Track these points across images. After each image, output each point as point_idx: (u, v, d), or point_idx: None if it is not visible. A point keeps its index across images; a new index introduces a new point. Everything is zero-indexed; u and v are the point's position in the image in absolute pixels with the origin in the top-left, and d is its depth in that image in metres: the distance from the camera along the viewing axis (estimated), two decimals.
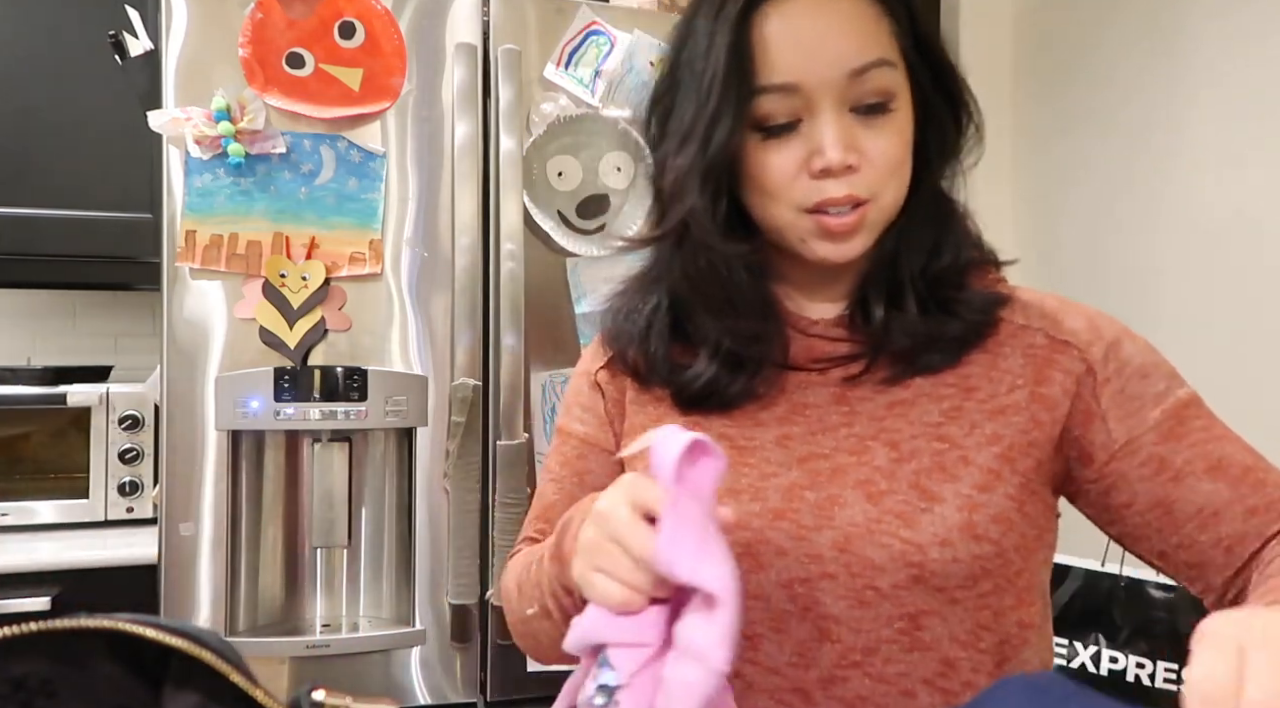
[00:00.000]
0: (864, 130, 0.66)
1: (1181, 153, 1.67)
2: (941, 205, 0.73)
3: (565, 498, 0.79)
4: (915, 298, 0.70)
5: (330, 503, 1.45)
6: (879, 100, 0.66)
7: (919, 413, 0.69)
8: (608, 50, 1.53)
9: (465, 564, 1.43)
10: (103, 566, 1.56)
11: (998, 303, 0.71)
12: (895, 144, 0.67)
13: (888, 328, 0.70)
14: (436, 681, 1.46)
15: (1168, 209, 1.70)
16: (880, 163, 0.66)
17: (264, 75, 1.39)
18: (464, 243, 1.43)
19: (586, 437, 0.80)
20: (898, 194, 0.69)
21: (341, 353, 1.42)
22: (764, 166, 0.67)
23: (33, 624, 0.35)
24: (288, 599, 1.49)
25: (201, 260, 1.38)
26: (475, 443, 1.44)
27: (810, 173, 0.66)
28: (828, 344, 0.73)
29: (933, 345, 0.69)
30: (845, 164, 0.65)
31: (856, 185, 0.66)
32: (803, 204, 0.67)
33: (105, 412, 1.71)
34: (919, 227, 0.71)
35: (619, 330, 0.77)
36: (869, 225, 0.68)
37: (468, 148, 1.44)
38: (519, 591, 0.71)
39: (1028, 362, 0.69)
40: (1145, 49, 1.75)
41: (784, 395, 0.72)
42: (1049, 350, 0.69)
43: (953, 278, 0.71)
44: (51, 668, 0.36)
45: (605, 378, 0.80)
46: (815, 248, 0.68)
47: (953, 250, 0.72)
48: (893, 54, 0.66)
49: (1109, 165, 1.83)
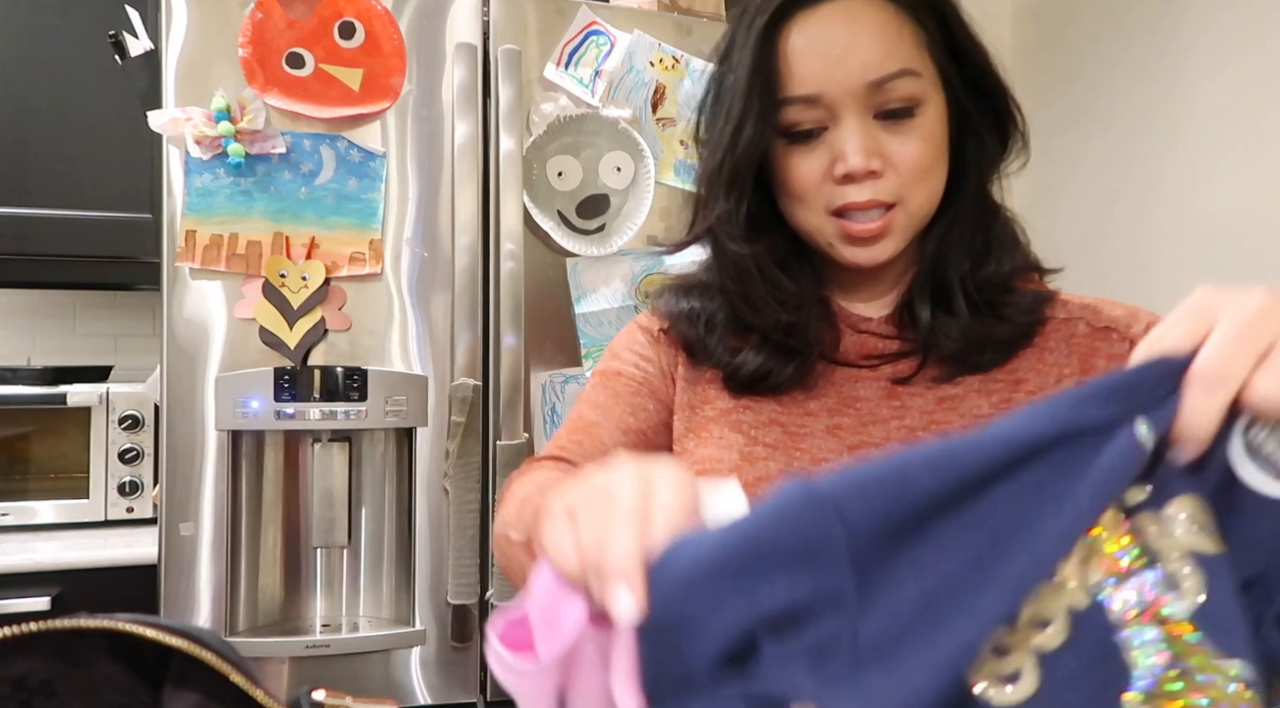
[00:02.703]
0: (889, 136, 0.68)
1: (1180, 152, 1.67)
2: (986, 211, 0.75)
3: (611, 425, 0.77)
4: (964, 300, 0.72)
5: (330, 503, 1.45)
6: (903, 106, 0.68)
7: (969, 407, 0.71)
8: (608, 50, 1.53)
9: (465, 564, 1.43)
10: (103, 566, 1.56)
11: (1044, 301, 0.73)
12: (921, 149, 0.68)
13: (936, 330, 0.72)
14: (436, 681, 1.46)
15: (1166, 208, 1.70)
16: (905, 167, 0.68)
17: (264, 75, 1.39)
18: (464, 243, 1.43)
19: (645, 379, 0.79)
20: (928, 199, 0.70)
21: (341, 353, 1.42)
22: (791, 172, 0.70)
23: (33, 624, 0.35)
24: (288, 599, 1.49)
25: (201, 260, 1.38)
26: (475, 443, 1.44)
27: (834, 178, 0.68)
28: (879, 341, 0.75)
29: (982, 348, 0.71)
30: (867, 169, 0.67)
31: (880, 190, 0.68)
32: (828, 207, 0.70)
33: (105, 412, 1.71)
34: (962, 232, 0.73)
35: (677, 311, 0.79)
36: (896, 230, 0.70)
37: (468, 148, 1.44)
38: (517, 509, 0.67)
39: (1072, 352, 0.72)
40: (1144, 49, 1.75)
41: (834, 388, 0.74)
42: (1091, 339, 0.72)
43: (1000, 282, 0.73)
44: (52, 668, 0.36)
45: (666, 341, 0.80)
46: (842, 251, 0.71)
47: (999, 256, 0.73)
48: (919, 63, 0.68)
49: (1108, 165, 1.83)
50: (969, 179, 0.73)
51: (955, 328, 0.71)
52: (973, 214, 0.74)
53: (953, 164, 0.73)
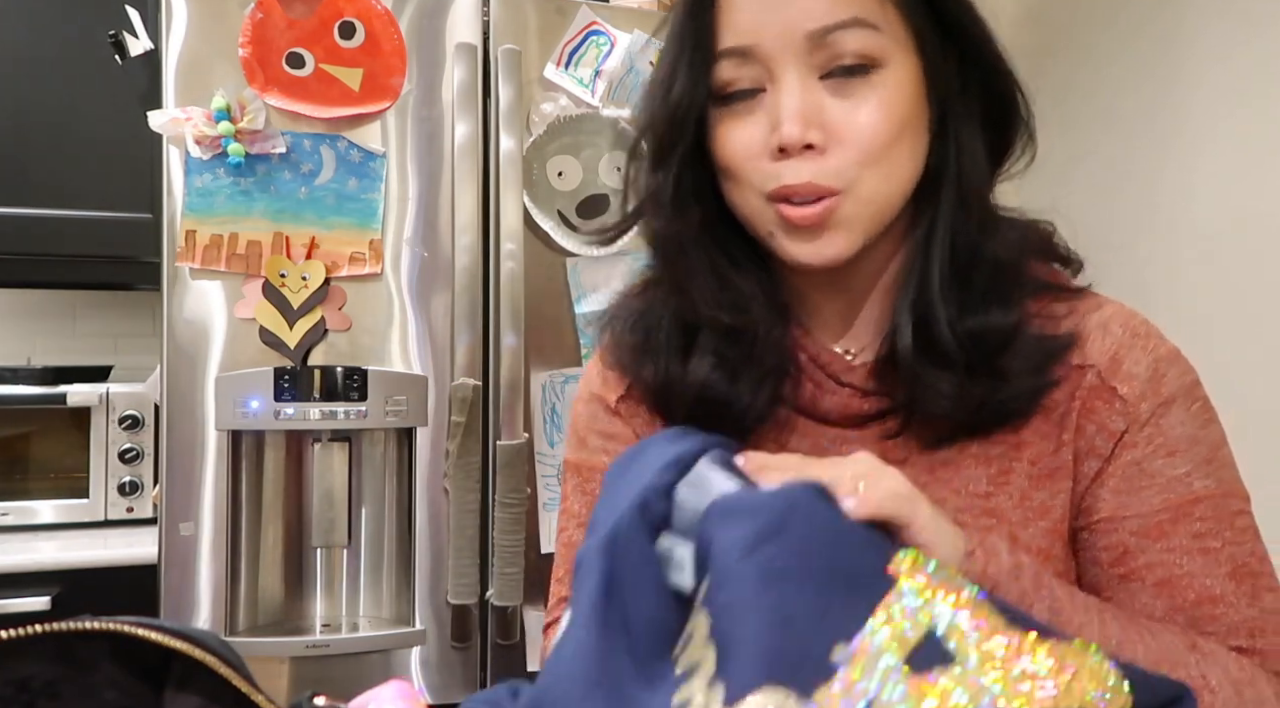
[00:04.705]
0: (836, 101, 0.56)
1: (1181, 152, 1.67)
2: (979, 230, 0.60)
3: None
4: (957, 349, 0.58)
5: (330, 503, 1.45)
6: (855, 63, 0.55)
7: (965, 480, 0.61)
8: (608, 50, 1.53)
9: (465, 564, 1.43)
10: (103, 566, 1.56)
11: (1058, 352, 0.59)
12: (875, 120, 0.55)
13: (921, 386, 0.59)
14: (436, 681, 1.46)
15: (1167, 208, 1.70)
16: (854, 141, 0.56)
17: (264, 75, 1.39)
18: (464, 243, 1.43)
19: None
20: (885, 186, 0.58)
21: (341, 353, 1.42)
22: (723, 142, 0.59)
23: (37, 626, 0.35)
24: (288, 599, 1.49)
25: (201, 260, 1.38)
26: (475, 443, 1.44)
27: (770, 153, 0.57)
28: (861, 401, 0.63)
29: (979, 412, 0.59)
30: (803, 142, 0.55)
31: (822, 171, 0.56)
32: (763, 189, 0.58)
33: (105, 412, 1.71)
34: (944, 255, 0.60)
35: (621, 343, 0.69)
36: (843, 222, 0.57)
37: (468, 148, 1.44)
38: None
39: (1078, 408, 0.60)
40: (1144, 48, 1.75)
41: (809, 444, 0.65)
42: (1094, 395, 0.59)
43: (1002, 331, 0.59)
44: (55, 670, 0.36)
45: (628, 409, 0.71)
46: (783, 243, 0.59)
47: (1000, 296, 0.59)
48: (877, 14, 0.55)
49: (1108, 165, 1.83)
50: (954, 181, 0.60)
51: (946, 385, 0.58)
52: (960, 233, 0.60)
53: (937, 158, 0.60)
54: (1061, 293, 0.62)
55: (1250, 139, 1.54)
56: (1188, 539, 0.57)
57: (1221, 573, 0.56)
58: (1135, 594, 0.58)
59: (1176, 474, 0.57)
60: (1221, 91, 1.60)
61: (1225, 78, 1.59)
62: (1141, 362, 0.59)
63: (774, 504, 0.42)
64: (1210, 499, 0.57)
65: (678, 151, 0.60)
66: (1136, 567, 0.58)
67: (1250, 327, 1.53)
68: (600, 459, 0.71)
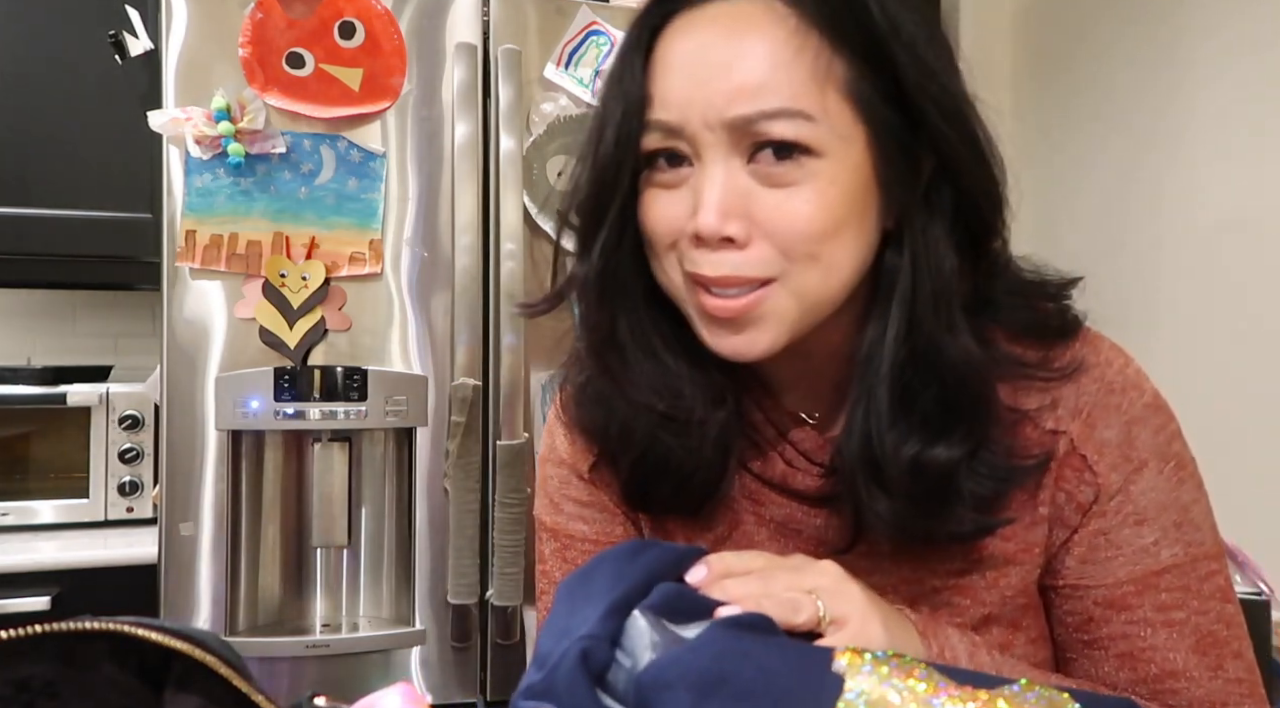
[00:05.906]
0: (765, 190, 0.51)
1: (1182, 153, 1.67)
2: (948, 330, 0.53)
3: None
4: (897, 481, 0.53)
5: (330, 503, 1.45)
6: (787, 151, 0.50)
7: (940, 557, 0.58)
8: (608, 50, 1.53)
9: (465, 564, 1.43)
10: (103, 566, 1.56)
11: (1017, 480, 0.55)
12: (808, 213, 0.50)
13: (864, 510, 0.55)
14: (436, 681, 1.46)
15: (1168, 209, 1.70)
16: (782, 235, 0.51)
17: (264, 75, 1.39)
18: (464, 243, 1.43)
19: (598, 538, 0.67)
20: (824, 284, 0.52)
21: (341, 353, 1.42)
22: (646, 211, 0.55)
23: (37, 627, 0.35)
24: (288, 599, 1.49)
25: (201, 260, 1.38)
26: (475, 443, 1.44)
27: (689, 237, 0.52)
28: (831, 481, 0.59)
29: (924, 540, 0.56)
30: (721, 235, 0.50)
31: (745, 263, 0.51)
32: (684, 269, 0.54)
33: (105, 412, 1.71)
34: (896, 379, 0.54)
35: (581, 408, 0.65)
36: (768, 315, 0.52)
37: (468, 148, 1.44)
38: None
39: (1053, 476, 0.57)
40: (1146, 49, 1.75)
41: (794, 521, 0.62)
42: (1065, 463, 0.57)
43: (945, 464, 0.53)
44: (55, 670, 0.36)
45: (602, 479, 0.67)
46: (704, 335, 0.55)
47: (953, 416, 0.53)
48: (815, 105, 0.50)
49: (1109, 166, 1.83)
50: (909, 283, 0.53)
51: (885, 510, 0.54)
52: (918, 335, 0.53)
53: (892, 254, 0.54)
54: (1037, 373, 0.57)
55: (1253, 141, 1.54)
56: (1152, 611, 0.56)
57: (1185, 646, 0.55)
58: (1098, 662, 0.58)
59: (1144, 544, 0.56)
60: (1224, 93, 1.60)
61: (1229, 80, 1.59)
62: (1114, 425, 0.56)
63: (701, 662, 0.41)
64: (1178, 568, 0.56)
65: (606, 215, 0.56)
66: (1100, 636, 0.57)
67: (1252, 326, 1.53)
68: (578, 527, 0.68)
